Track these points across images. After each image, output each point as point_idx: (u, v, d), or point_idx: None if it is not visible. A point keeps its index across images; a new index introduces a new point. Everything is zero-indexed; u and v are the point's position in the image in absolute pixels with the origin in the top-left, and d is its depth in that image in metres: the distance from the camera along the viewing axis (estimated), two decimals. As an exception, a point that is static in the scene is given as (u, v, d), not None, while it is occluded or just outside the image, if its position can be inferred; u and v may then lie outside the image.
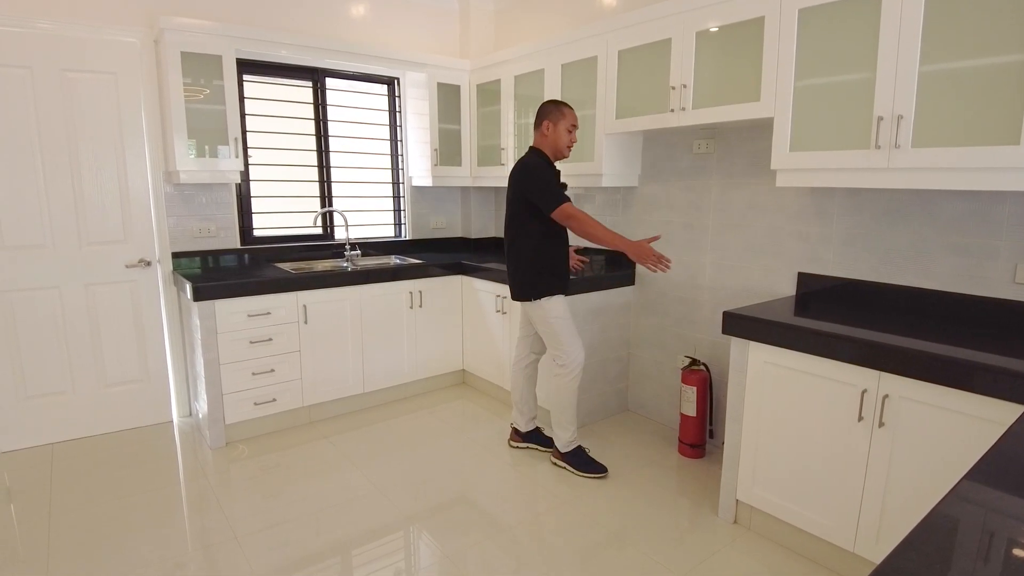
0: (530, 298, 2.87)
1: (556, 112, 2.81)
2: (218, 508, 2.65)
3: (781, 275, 2.88)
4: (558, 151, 2.86)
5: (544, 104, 2.88)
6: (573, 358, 2.88)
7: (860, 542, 2.08)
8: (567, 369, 2.88)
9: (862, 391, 2.00)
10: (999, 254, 2.22)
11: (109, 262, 3.34)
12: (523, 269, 2.88)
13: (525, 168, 2.80)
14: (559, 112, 2.81)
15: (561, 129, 2.81)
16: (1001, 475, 1.10)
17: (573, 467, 2.93)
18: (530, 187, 2.76)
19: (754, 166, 2.93)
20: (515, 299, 2.97)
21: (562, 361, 2.88)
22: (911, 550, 0.87)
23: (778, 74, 2.41)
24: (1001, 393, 1.69)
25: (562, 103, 2.85)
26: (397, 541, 2.43)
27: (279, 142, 3.89)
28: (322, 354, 3.52)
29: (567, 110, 2.83)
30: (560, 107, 2.83)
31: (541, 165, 2.79)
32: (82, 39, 3.13)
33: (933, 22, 1.99)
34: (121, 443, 3.30)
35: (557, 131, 2.81)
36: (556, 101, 2.87)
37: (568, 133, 2.83)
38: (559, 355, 2.89)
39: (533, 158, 2.83)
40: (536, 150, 2.87)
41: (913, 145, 2.07)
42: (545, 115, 2.83)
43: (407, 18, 4.26)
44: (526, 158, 2.86)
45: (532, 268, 2.85)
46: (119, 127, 3.28)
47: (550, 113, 2.82)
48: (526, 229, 2.84)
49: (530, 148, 2.90)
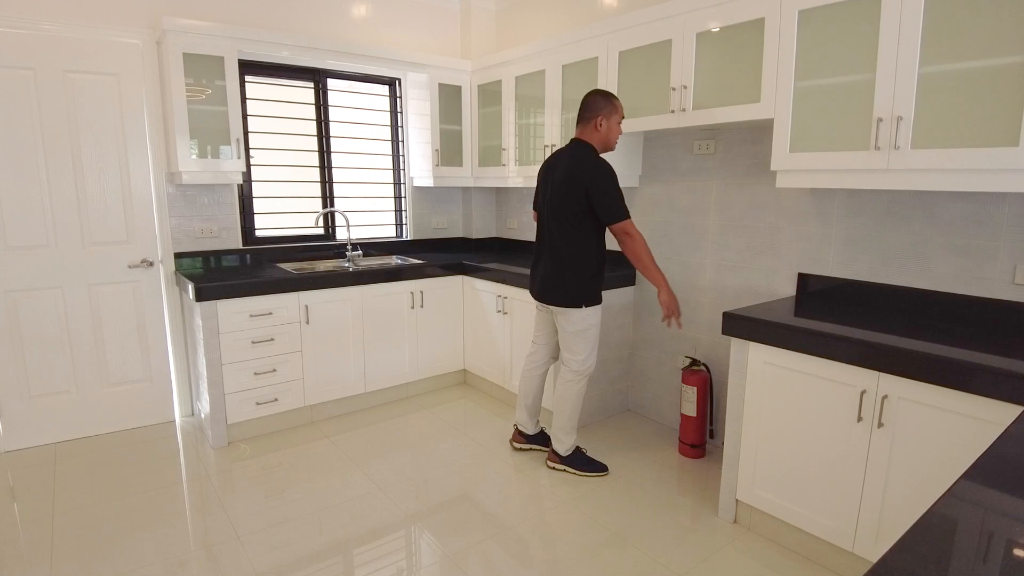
0: (573, 305, 2.75)
1: (609, 106, 2.67)
2: (220, 507, 2.66)
3: (782, 275, 2.89)
4: (608, 145, 2.73)
5: (593, 96, 2.71)
6: (589, 365, 2.85)
7: (859, 542, 2.09)
8: (579, 375, 2.86)
9: (861, 392, 2.01)
10: (999, 255, 2.22)
11: (112, 262, 3.35)
12: (569, 275, 2.73)
13: (595, 168, 2.61)
14: (612, 106, 2.68)
15: (614, 123, 2.70)
16: (998, 476, 1.11)
17: (574, 468, 2.92)
18: (599, 191, 2.59)
19: (755, 167, 2.94)
20: (548, 303, 2.82)
21: (576, 367, 2.84)
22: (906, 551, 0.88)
23: (778, 75, 2.42)
24: (1000, 394, 1.70)
25: (612, 95, 2.71)
26: (399, 540, 2.44)
27: (281, 142, 3.91)
28: (324, 354, 3.53)
29: (618, 103, 2.71)
30: (611, 100, 2.69)
31: (610, 169, 2.63)
32: (85, 40, 3.14)
33: (932, 23, 2.00)
34: (124, 442, 3.32)
35: (610, 125, 2.69)
36: (606, 93, 2.71)
37: (619, 126, 2.73)
38: (575, 361, 2.84)
39: (594, 156, 2.66)
40: (586, 144, 2.70)
41: (913, 146, 2.08)
42: (598, 109, 2.67)
43: (408, 18, 4.27)
44: (583, 154, 2.67)
45: (581, 275, 2.72)
46: (122, 128, 3.30)
47: (603, 107, 2.67)
48: (578, 232, 2.70)
49: (577, 141, 2.73)
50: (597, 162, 2.64)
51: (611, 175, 2.62)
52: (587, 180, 2.61)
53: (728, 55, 2.62)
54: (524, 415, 3.14)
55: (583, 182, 2.61)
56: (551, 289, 2.80)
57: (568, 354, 2.86)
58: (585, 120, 2.71)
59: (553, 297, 2.80)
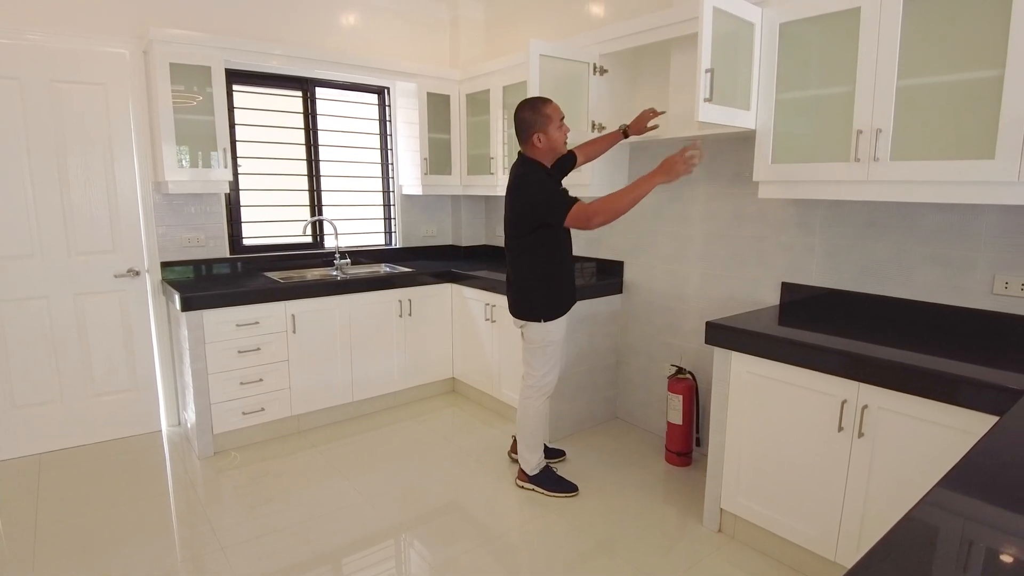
0: (527, 319, 2.73)
1: (541, 119, 2.56)
2: (206, 518, 2.65)
3: (765, 285, 2.91)
4: (556, 152, 2.65)
5: (521, 112, 2.60)
6: (548, 383, 2.81)
7: (841, 551, 2.10)
8: (537, 392, 2.81)
9: (842, 401, 2.03)
10: (977, 265, 2.25)
11: (98, 272, 3.34)
12: (524, 289, 2.72)
13: (524, 183, 2.57)
14: (544, 117, 2.56)
15: (553, 131, 2.57)
16: (971, 484, 1.13)
17: (543, 488, 2.85)
18: (535, 204, 2.53)
19: (738, 177, 2.96)
20: (514, 316, 2.81)
21: (533, 383, 2.81)
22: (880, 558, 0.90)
23: (760, 87, 2.45)
24: (977, 405, 1.72)
25: (540, 103, 2.58)
26: (386, 550, 2.44)
27: (269, 151, 3.91)
28: (311, 363, 3.53)
29: (549, 108, 2.57)
30: (541, 111, 2.56)
31: (540, 178, 2.56)
32: (71, 50, 3.14)
33: (910, 37, 2.03)
34: (109, 453, 3.30)
35: (549, 136, 2.57)
36: (533, 104, 2.59)
37: (559, 131, 2.59)
38: (533, 377, 2.80)
39: (528, 170, 2.59)
40: (528, 160, 2.63)
41: (892, 158, 2.10)
42: (531, 127, 2.57)
43: (397, 28, 4.29)
44: (520, 171, 2.61)
45: (534, 289, 2.69)
46: (108, 138, 3.29)
47: (535, 124, 2.56)
48: (527, 248, 2.66)
49: (521, 156, 2.67)
50: (524, 175, 2.59)
51: (541, 182, 2.55)
52: (522, 196, 2.57)
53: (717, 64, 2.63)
54: None
55: (520, 200, 2.58)
56: (514, 304, 2.80)
57: (527, 368, 2.83)
58: (523, 141, 2.63)
59: (516, 310, 2.80)
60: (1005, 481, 1.16)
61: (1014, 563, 0.93)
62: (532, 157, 2.64)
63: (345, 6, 4.03)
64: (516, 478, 2.96)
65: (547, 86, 2.98)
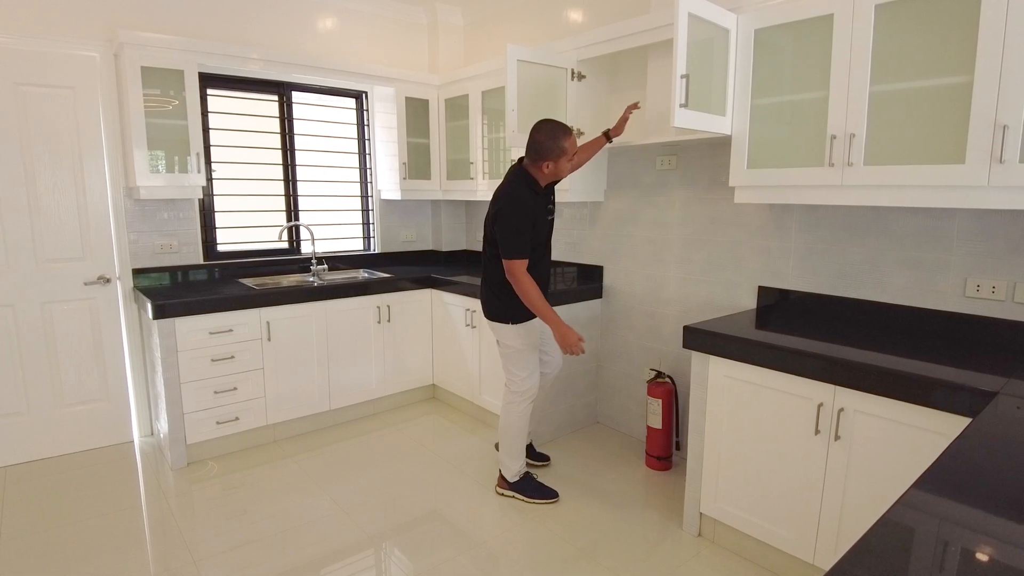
0: (498, 319, 2.75)
1: (557, 150, 2.53)
2: (178, 531, 2.58)
3: (743, 289, 2.92)
4: (558, 179, 2.69)
5: (538, 135, 2.55)
6: (529, 387, 2.80)
7: (819, 554, 2.10)
8: (520, 396, 2.80)
9: (818, 404, 2.04)
10: (950, 268, 2.28)
11: (67, 279, 3.26)
12: (495, 292, 2.73)
13: (506, 201, 2.58)
14: (559, 150, 2.53)
15: (563, 164, 2.58)
16: (944, 485, 1.14)
17: (523, 495, 2.83)
18: (501, 223, 2.57)
19: (715, 182, 2.98)
20: (485, 316, 2.83)
21: (516, 388, 2.80)
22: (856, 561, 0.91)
23: (735, 92, 2.46)
24: (951, 407, 1.73)
25: (559, 133, 2.54)
26: (366, 560, 2.40)
27: (245, 156, 3.85)
28: (286, 371, 3.47)
29: (567, 143, 2.54)
30: (559, 143, 2.53)
31: (520, 206, 2.56)
32: (39, 53, 3.07)
33: (882, 44, 2.05)
34: (79, 465, 3.21)
35: (558, 167, 2.58)
36: (552, 131, 2.54)
37: (569, 162, 2.61)
38: (514, 382, 2.80)
39: (518, 191, 2.59)
40: (524, 174, 2.63)
41: (865, 163, 2.13)
42: (546, 153, 2.54)
43: (375, 32, 4.26)
44: (511, 182, 2.63)
45: (504, 292, 2.69)
46: (77, 142, 3.22)
47: (551, 153, 2.54)
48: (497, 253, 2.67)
49: (518, 168, 2.66)
50: (510, 195, 2.60)
51: (518, 213, 2.55)
52: (499, 209, 2.59)
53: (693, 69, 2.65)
54: None
55: (494, 215, 2.62)
56: (486, 304, 2.81)
57: (508, 375, 2.83)
58: (531, 159, 2.61)
59: (487, 311, 2.81)
60: (978, 482, 1.16)
61: (989, 562, 0.93)
62: (531, 174, 2.63)
63: (322, 10, 4.00)
64: (496, 485, 2.93)
65: (525, 91, 2.98)
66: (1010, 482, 1.16)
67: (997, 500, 1.09)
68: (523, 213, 2.56)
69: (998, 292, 2.17)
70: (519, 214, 2.56)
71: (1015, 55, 1.77)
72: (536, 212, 2.61)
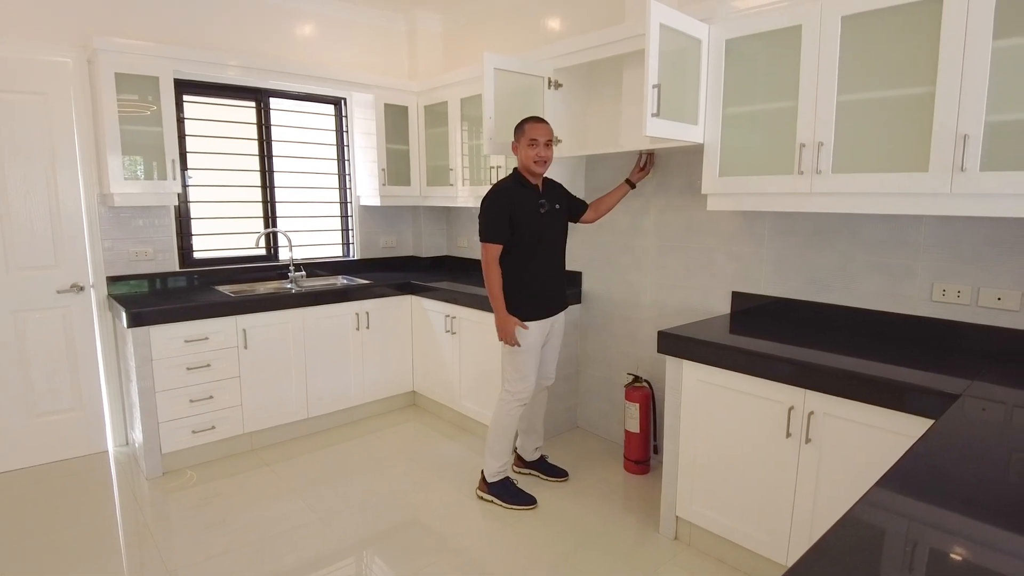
0: None
1: (518, 130, 2.74)
2: (154, 542, 2.55)
3: (716, 294, 2.96)
4: (525, 167, 2.74)
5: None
6: (521, 390, 2.81)
7: (792, 555, 2.14)
8: (511, 396, 2.82)
9: (789, 408, 2.07)
10: (917, 273, 2.33)
11: (39, 288, 3.22)
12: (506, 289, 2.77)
13: (489, 191, 2.78)
14: (520, 129, 2.73)
15: (522, 147, 2.71)
16: (905, 484, 1.17)
17: (501, 500, 2.84)
18: (480, 211, 2.74)
19: (689, 189, 3.01)
20: None
21: (509, 388, 2.83)
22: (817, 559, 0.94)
23: (707, 101, 2.50)
24: (917, 409, 1.77)
25: (524, 120, 2.73)
26: (346, 569, 2.39)
27: (222, 162, 3.83)
28: (263, 379, 3.45)
29: (527, 125, 2.70)
30: (520, 126, 2.74)
31: (497, 197, 2.71)
32: (10, 58, 3.03)
33: (849, 54, 2.10)
34: (52, 475, 3.16)
35: (519, 149, 2.73)
36: (527, 118, 2.76)
37: (529, 148, 2.68)
38: (507, 382, 2.83)
39: (501, 182, 2.81)
40: (515, 169, 2.82)
41: (833, 171, 2.17)
42: (513, 135, 2.78)
43: (354, 39, 4.26)
44: (498, 181, 2.88)
45: (507, 289, 2.75)
46: (50, 149, 3.18)
47: (514, 132, 2.77)
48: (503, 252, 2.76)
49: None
50: (496, 185, 2.82)
51: (495, 200, 2.72)
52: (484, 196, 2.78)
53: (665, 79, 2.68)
54: (522, 438, 3.13)
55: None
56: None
57: (503, 374, 2.87)
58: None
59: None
60: (937, 481, 1.20)
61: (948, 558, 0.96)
62: (516, 167, 2.82)
63: (300, 17, 4.00)
64: (477, 487, 2.94)
65: (502, 99, 3.00)
66: (968, 481, 1.20)
67: (955, 498, 1.13)
68: (500, 200, 2.72)
69: (963, 296, 2.22)
70: (496, 201, 2.72)
71: (975, 67, 1.83)
72: (518, 203, 2.72)
